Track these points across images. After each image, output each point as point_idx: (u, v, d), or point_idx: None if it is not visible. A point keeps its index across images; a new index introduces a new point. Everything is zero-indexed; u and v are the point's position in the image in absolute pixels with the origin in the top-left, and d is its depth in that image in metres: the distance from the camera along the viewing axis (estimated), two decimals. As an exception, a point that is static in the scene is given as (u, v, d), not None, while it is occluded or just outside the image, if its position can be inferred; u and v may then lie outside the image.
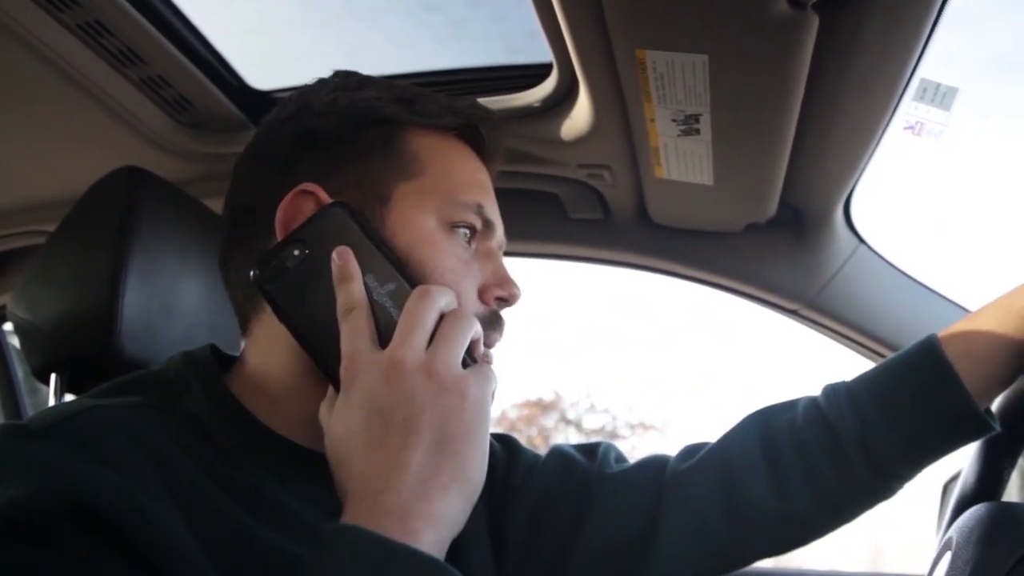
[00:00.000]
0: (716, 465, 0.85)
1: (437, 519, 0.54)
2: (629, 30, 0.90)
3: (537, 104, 1.17)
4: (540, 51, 1.08)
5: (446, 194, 0.71)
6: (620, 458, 0.91)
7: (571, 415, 12.05)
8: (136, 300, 0.96)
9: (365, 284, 0.63)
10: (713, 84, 0.95)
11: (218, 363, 0.73)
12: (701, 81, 0.95)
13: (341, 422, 0.58)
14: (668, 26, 0.88)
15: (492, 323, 0.72)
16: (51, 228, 1.05)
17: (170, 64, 1.14)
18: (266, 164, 0.73)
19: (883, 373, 0.82)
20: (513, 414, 11.65)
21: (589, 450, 0.91)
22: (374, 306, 0.62)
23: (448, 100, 0.76)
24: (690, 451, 0.88)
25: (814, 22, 0.84)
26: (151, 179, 1.01)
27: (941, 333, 0.80)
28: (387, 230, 0.68)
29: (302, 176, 0.69)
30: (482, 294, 0.72)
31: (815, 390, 0.85)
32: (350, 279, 0.62)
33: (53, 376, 1.01)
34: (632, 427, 12.15)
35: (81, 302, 0.96)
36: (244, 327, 0.74)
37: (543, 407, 12.03)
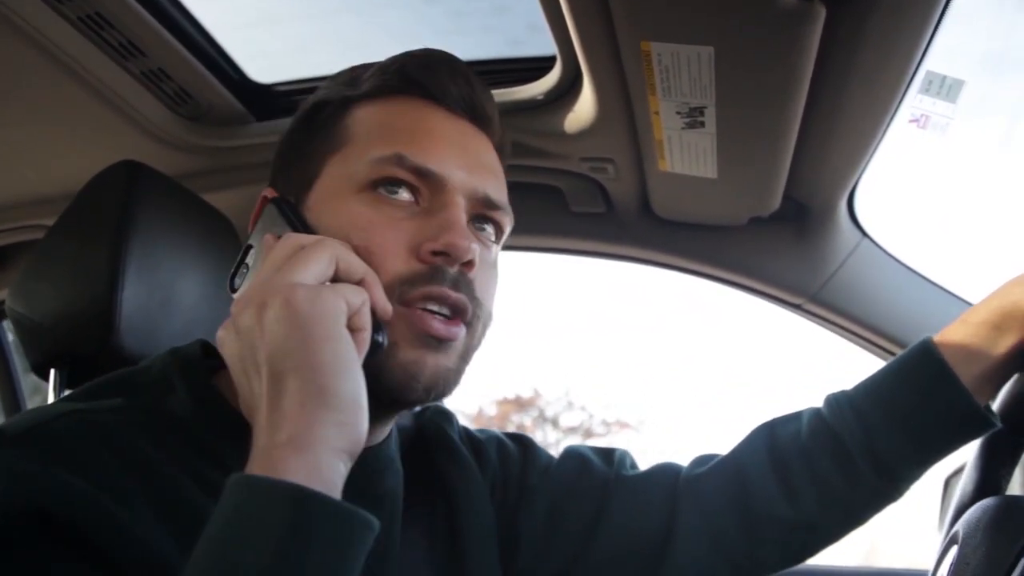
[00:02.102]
0: (728, 472, 0.85)
1: (301, 442, 0.51)
2: (634, 22, 0.89)
3: (540, 97, 1.16)
4: (543, 44, 1.07)
5: (363, 156, 0.67)
6: (634, 465, 0.91)
7: (549, 412, 12.11)
8: (135, 295, 0.95)
9: None
10: (719, 76, 0.94)
11: (210, 359, 0.72)
12: (707, 73, 0.94)
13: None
14: (674, 18, 0.87)
15: (434, 279, 0.65)
16: (50, 223, 1.04)
17: (171, 57, 1.14)
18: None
19: (882, 378, 0.82)
20: (492, 411, 11.71)
21: (605, 454, 0.91)
22: None
23: (383, 63, 0.72)
24: (702, 460, 0.89)
25: (821, 14, 0.84)
26: (150, 174, 1.01)
27: (936, 336, 0.80)
28: (311, 212, 0.68)
29: (272, 182, 0.73)
30: (417, 251, 0.65)
31: (805, 390, 0.85)
32: None
33: (52, 372, 1.01)
34: (608, 425, 12.20)
35: (80, 297, 0.95)
36: None
37: (521, 404, 12.08)
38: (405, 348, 0.64)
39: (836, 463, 0.80)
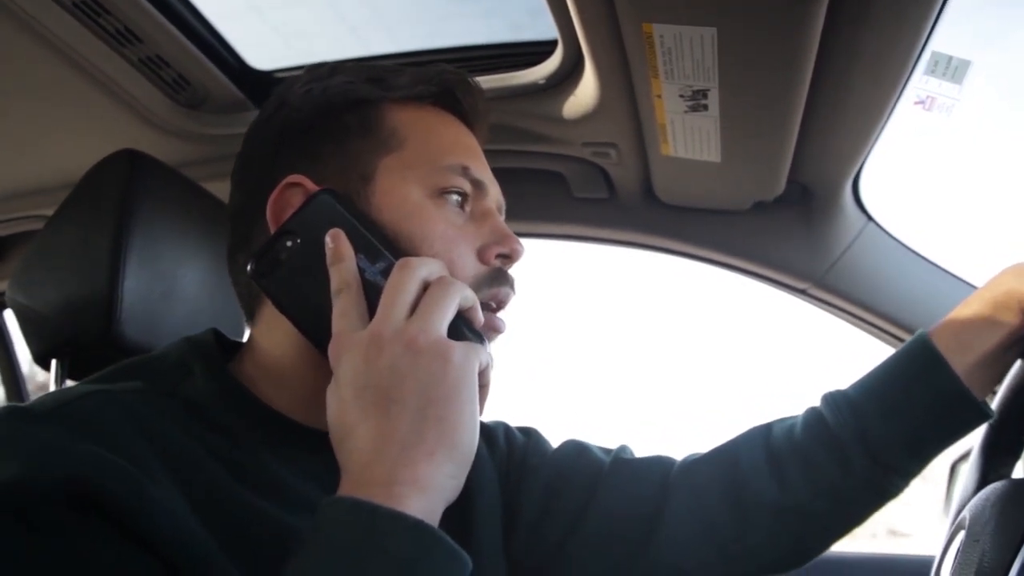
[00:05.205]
0: (722, 459, 0.87)
1: (424, 484, 0.55)
2: (636, 3, 0.88)
3: (542, 82, 1.15)
4: (544, 28, 1.06)
5: (428, 162, 0.72)
6: (633, 455, 0.92)
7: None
8: (136, 285, 0.95)
9: (358, 265, 0.63)
10: (722, 58, 0.93)
11: (220, 347, 0.74)
12: (710, 55, 0.93)
13: (333, 403, 0.59)
14: (676, -1, 0.86)
15: (498, 280, 0.72)
16: (50, 212, 1.04)
17: (168, 44, 1.13)
18: (254, 166, 0.75)
19: (877, 372, 0.83)
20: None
21: (606, 448, 0.93)
22: (367, 285, 0.63)
23: (419, 70, 0.77)
24: (696, 452, 0.90)
25: (826, -7, 0.83)
26: (150, 162, 1.00)
27: (931, 328, 0.81)
28: (373, 208, 0.69)
29: (287, 170, 0.71)
30: (482, 255, 0.72)
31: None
32: (342, 259, 0.63)
33: (54, 362, 1.01)
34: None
35: (81, 287, 0.95)
36: (251, 317, 0.75)
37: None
38: None
39: (828, 451, 0.80)
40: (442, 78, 0.77)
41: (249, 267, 0.65)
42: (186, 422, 0.64)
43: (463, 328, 0.61)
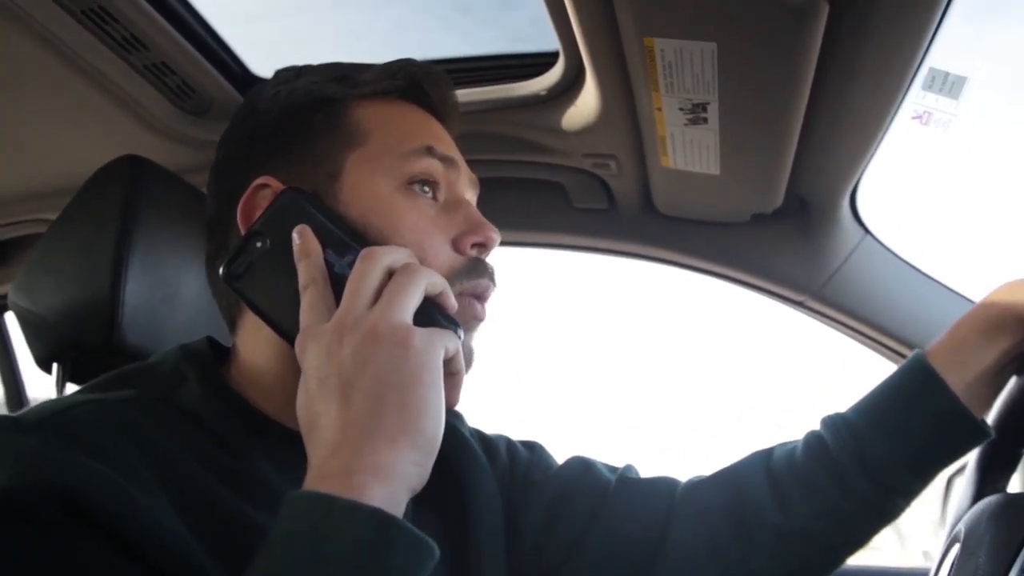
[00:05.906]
0: (725, 482, 0.86)
1: (386, 472, 0.54)
2: (637, 18, 0.89)
3: (543, 93, 1.16)
4: (546, 39, 1.07)
5: (392, 151, 0.71)
6: (638, 475, 0.92)
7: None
8: (138, 290, 0.95)
9: (327, 260, 0.63)
10: (721, 73, 0.94)
11: (216, 355, 0.74)
12: (709, 70, 0.94)
13: (301, 396, 0.59)
14: (677, 13, 0.87)
15: (476, 271, 0.71)
16: (53, 216, 1.04)
17: (173, 50, 1.13)
18: (227, 172, 0.75)
19: (874, 393, 0.82)
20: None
21: (611, 466, 0.92)
22: (336, 279, 0.63)
23: (386, 66, 0.76)
24: (699, 475, 0.90)
25: (823, 10, 0.83)
26: (153, 168, 1.00)
27: (928, 347, 0.80)
28: (341, 204, 0.69)
29: (259, 173, 0.71)
30: (457, 245, 0.71)
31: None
32: (308, 255, 0.63)
33: (55, 366, 1.01)
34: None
35: (82, 292, 0.95)
36: (232, 325, 0.75)
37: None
38: (464, 336, 0.67)
39: (828, 473, 0.80)
40: (407, 72, 0.76)
41: (222, 272, 0.65)
42: (179, 430, 0.64)
43: (436, 315, 0.61)
